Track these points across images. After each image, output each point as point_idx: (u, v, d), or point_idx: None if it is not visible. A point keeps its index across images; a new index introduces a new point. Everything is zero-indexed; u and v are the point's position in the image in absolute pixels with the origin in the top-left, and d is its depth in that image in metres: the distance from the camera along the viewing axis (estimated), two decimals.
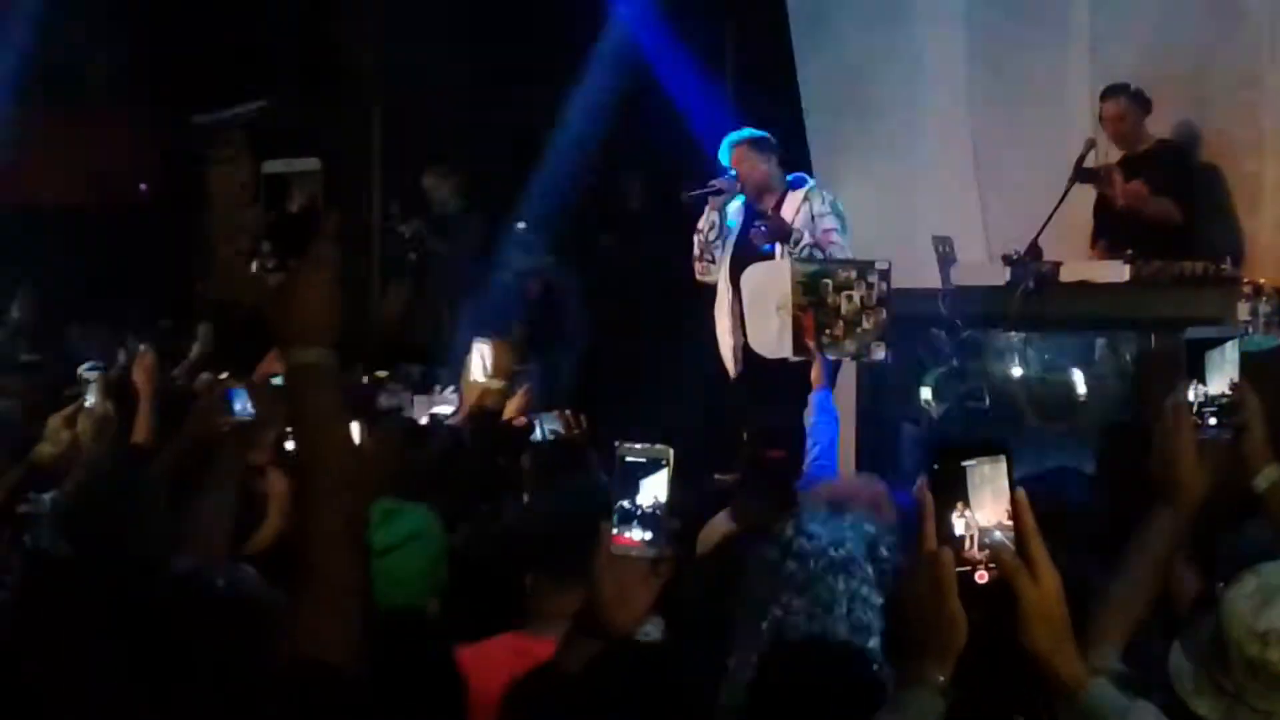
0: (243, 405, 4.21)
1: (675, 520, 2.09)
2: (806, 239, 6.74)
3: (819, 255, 6.61)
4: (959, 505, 1.89)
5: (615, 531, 2.09)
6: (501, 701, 2.28)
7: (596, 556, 2.10)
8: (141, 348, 5.01)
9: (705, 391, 7.69)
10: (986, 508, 1.90)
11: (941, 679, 1.89)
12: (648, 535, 2.08)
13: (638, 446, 2.12)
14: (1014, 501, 1.90)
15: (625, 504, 2.09)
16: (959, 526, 1.89)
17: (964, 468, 1.90)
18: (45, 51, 10.07)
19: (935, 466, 1.90)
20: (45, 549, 3.23)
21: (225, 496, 3.49)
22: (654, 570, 2.09)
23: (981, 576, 1.88)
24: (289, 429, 4.05)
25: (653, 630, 2.22)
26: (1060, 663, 1.90)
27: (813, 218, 6.82)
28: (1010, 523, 1.89)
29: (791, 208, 6.90)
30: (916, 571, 1.90)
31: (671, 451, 2.10)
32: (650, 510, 2.08)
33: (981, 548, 1.89)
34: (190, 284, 10.81)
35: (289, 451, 4.10)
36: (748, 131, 7.15)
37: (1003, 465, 1.90)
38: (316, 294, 2.10)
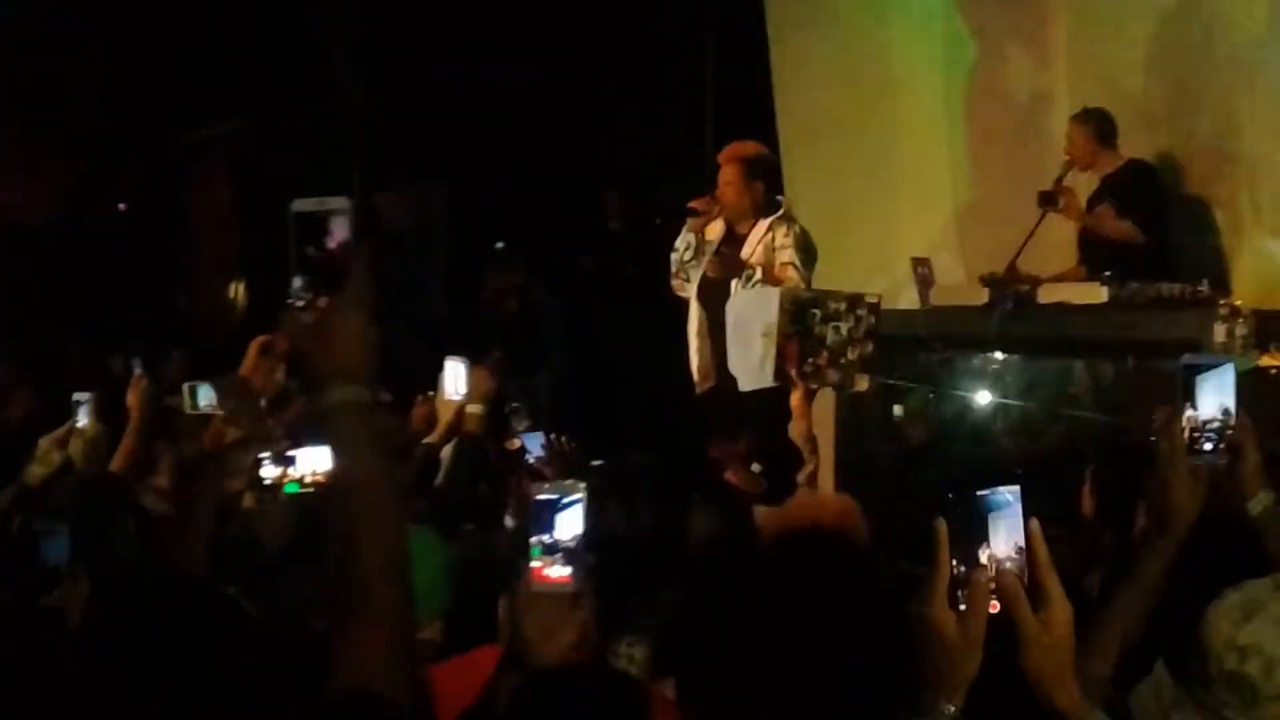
0: (209, 400, 4.17)
1: (591, 555, 2.13)
2: (758, 275, 6.59)
3: (769, 288, 6.51)
4: (974, 536, 1.89)
5: (534, 568, 2.12)
6: None
7: (517, 595, 2.14)
8: (137, 371, 4.99)
9: (685, 411, 7.68)
10: (1001, 538, 1.89)
11: (952, 709, 1.88)
12: (566, 570, 2.12)
13: (548, 485, 2.17)
14: (1028, 531, 1.90)
15: (543, 540, 2.13)
16: (978, 557, 1.89)
17: (979, 498, 1.89)
18: (24, 68, 10.03)
19: (950, 496, 1.91)
20: (57, 568, 3.23)
21: (202, 522, 3.47)
22: (575, 604, 2.13)
23: (993, 606, 1.87)
24: (263, 456, 4.04)
25: None
26: (1058, 693, 1.89)
27: (773, 249, 6.67)
28: (1019, 556, 1.89)
29: (756, 235, 6.74)
30: (932, 600, 1.88)
31: (583, 485, 2.15)
32: (568, 546, 2.12)
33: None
34: (168, 304, 10.76)
35: (263, 477, 4.09)
36: (750, 146, 6.96)
37: (1017, 493, 1.90)
38: (351, 332, 2.11)
